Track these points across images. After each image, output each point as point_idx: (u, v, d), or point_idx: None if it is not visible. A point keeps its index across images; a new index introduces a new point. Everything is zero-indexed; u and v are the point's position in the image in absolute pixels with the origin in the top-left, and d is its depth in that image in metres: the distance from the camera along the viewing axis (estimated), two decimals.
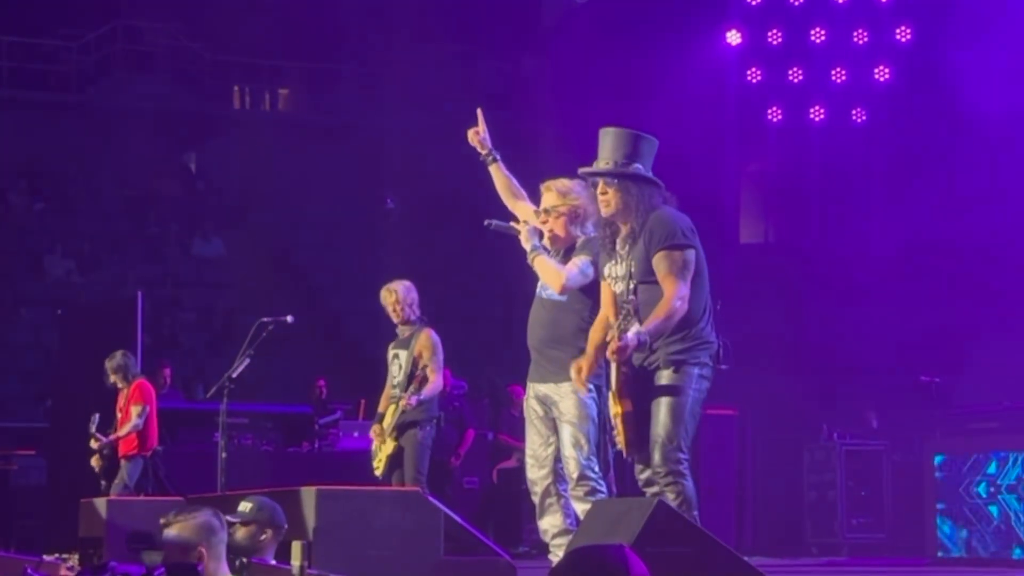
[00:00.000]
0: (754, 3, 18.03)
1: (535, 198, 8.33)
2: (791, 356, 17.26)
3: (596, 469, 7.95)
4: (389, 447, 11.36)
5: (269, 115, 24.45)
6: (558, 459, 8.07)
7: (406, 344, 11.44)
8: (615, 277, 7.55)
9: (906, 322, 16.12)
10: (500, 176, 8.57)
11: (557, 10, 19.77)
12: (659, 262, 7.35)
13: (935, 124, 16.75)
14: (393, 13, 21.47)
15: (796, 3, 18.02)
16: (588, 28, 18.90)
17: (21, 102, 22.12)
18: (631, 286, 7.41)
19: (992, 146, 15.54)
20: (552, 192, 8.16)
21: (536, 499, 8.24)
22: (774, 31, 18.06)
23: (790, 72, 18.14)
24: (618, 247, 7.59)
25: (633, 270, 7.44)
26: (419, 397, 11.17)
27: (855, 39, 17.88)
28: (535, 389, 8.15)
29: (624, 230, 7.55)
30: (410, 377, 11.30)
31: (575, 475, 7.93)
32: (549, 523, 8.18)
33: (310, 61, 23.48)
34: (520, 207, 8.46)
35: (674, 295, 7.28)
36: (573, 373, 7.65)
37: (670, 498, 7.21)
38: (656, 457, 7.29)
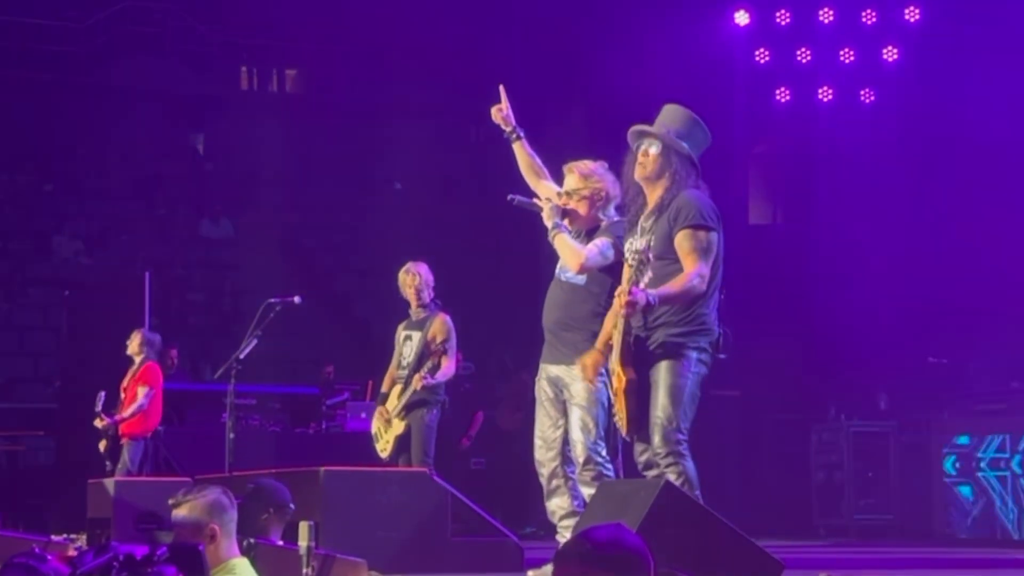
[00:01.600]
0: None
1: (557, 179, 8.32)
2: (799, 337, 17.26)
3: (603, 454, 7.95)
4: (398, 427, 11.35)
5: (277, 96, 24.42)
6: (566, 441, 8.06)
7: (420, 326, 11.43)
8: (633, 250, 7.55)
9: (915, 303, 16.10)
10: (523, 154, 8.50)
11: None
12: (683, 240, 7.36)
13: (943, 104, 16.70)
14: None
15: None
16: (595, 9, 18.86)
17: (29, 83, 22.10)
18: (649, 258, 7.39)
19: (1000, 127, 15.48)
20: (574, 174, 8.17)
21: (543, 480, 8.24)
22: (782, 11, 18.02)
23: (798, 52, 18.10)
24: (641, 220, 7.59)
25: (652, 244, 7.43)
26: (433, 378, 11.18)
27: (863, 19, 17.83)
28: (547, 370, 8.15)
29: (651, 203, 7.56)
30: (421, 358, 11.29)
31: (581, 459, 7.94)
32: (556, 504, 8.17)
33: (317, 42, 23.44)
34: (543, 187, 8.41)
35: (694, 272, 7.29)
36: (579, 370, 7.66)
37: (672, 479, 7.21)
38: (656, 439, 7.29)
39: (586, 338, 7.82)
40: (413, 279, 11.48)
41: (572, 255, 7.92)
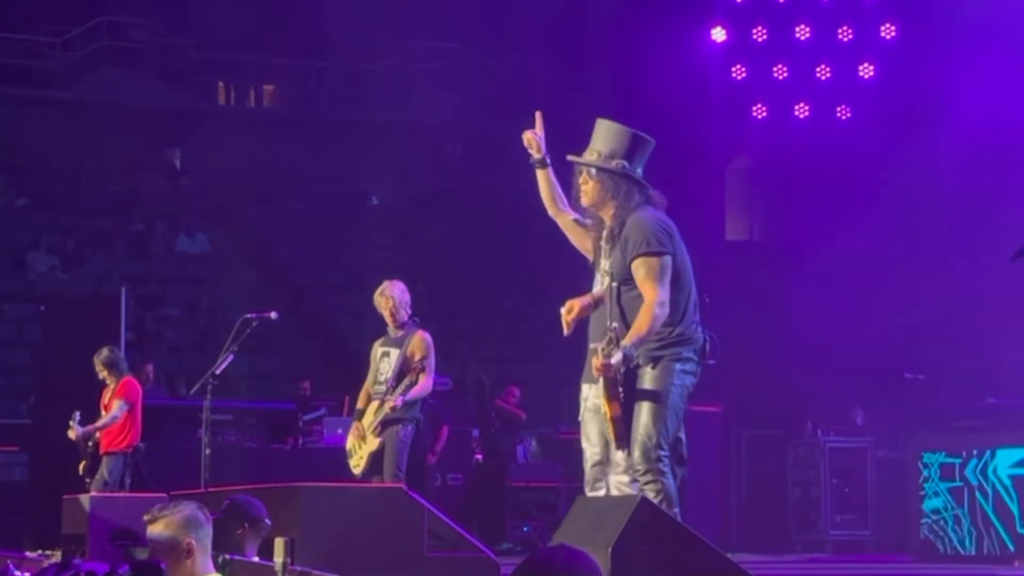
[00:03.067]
0: (739, 0, 18.04)
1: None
2: (776, 353, 17.28)
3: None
4: (372, 444, 11.33)
5: (254, 111, 24.41)
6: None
7: (399, 344, 11.42)
8: (602, 271, 7.57)
9: (891, 319, 16.14)
10: (547, 182, 8.08)
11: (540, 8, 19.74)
12: (637, 268, 7.37)
13: (919, 121, 16.77)
14: (378, 9, 21.43)
15: (781, 0, 18.02)
16: (573, 25, 18.89)
17: (5, 98, 22.05)
18: (612, 285, 7.41)
19: (975, 143, 15.54)
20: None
21: (588, 484, 7.98)
22: (759, 28, 18.07)
23: (775, 69, 18.15)
24: (603, 241, 7.60)
25: (612, 270, 7.46)
26: (405, 398, 11.18)
27: (840, 36, 17.90)
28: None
29: (607, 225, 7.56)
30: (399, 375, 11.29)
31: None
32: None
33: (295, 58, 23.44)
34: (562, 217, 8.24)
35: (654, 301, 7.29)
36: (564, 312, 7.60)
37: (651, 496, 7.20)
38: (636, 455, 7.28)
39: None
40: (387, 302, 11.48)
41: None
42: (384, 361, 11.44)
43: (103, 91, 22.23)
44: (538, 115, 8.14)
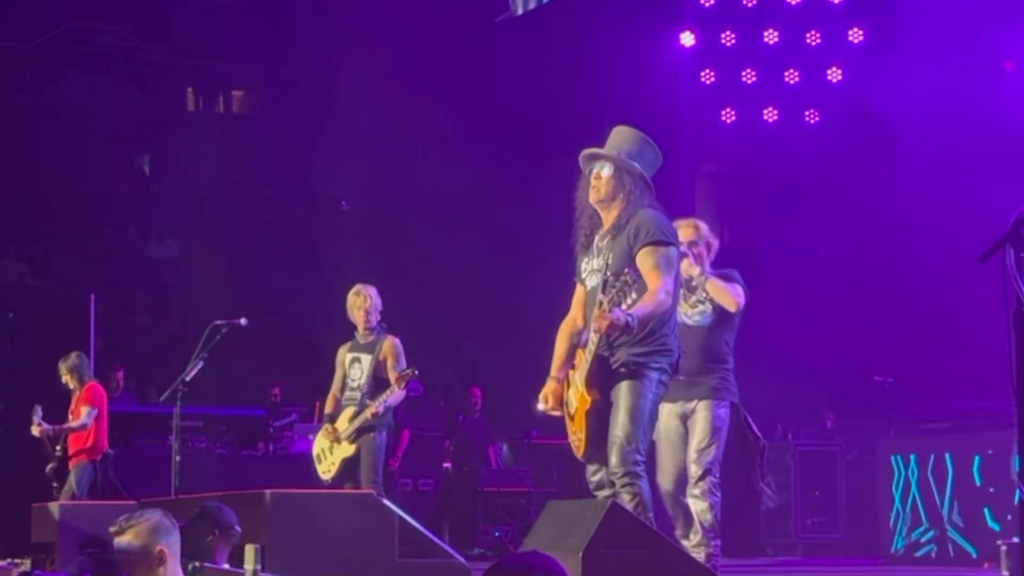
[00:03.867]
0: (707, 4, 18.07)
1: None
2: (746, 357, 17.29)
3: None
4: (347, 450, 11.31)
5: (223, 117, 24.34)
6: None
7: (369, 349, 11.41)
8: (591, 270, 7.61)
9: (860, 323, 16.19)
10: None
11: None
12: (645, 256, 7.41)
13: (886, 125, 16.83)
14: (348, 14, 21.41)
15: (749, 4, 18.07)
16: (543, 28, 18.90)
17: None
18: (607, 278, 7.44)
19: (942, 146, 15.60)
20: (690, 227, 9.12)
21: (670, 506, 8.97)
22: (727, 32, 18.11)
23: (743, 73, 18.19)
24: (596, 240, 7.64)
25: (610, 262, 7.47)
26: (387, 404, 11.19)
27: (808, 40, 17.95)
28: (679, 407, 8.89)
29: (607, 223, 7.61)
30: (375, 380, 11.28)
31: (696, 476, 8.83)
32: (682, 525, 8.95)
33: (264, 63, 23.39)
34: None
35: (660, 287, 7.34)
36: (543, 405, 7.68)
37: (626, 500, 7.23)
38: (614, 459, 7.31)
39: (724, 374, 8.99)
40: (364, 301, 11.48)
41: (730, 296, 9.03)
42: (355, 367, 11.43)
43: (71, 97, 22.14)
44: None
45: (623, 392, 7.37)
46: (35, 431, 13.53)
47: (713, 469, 8.87)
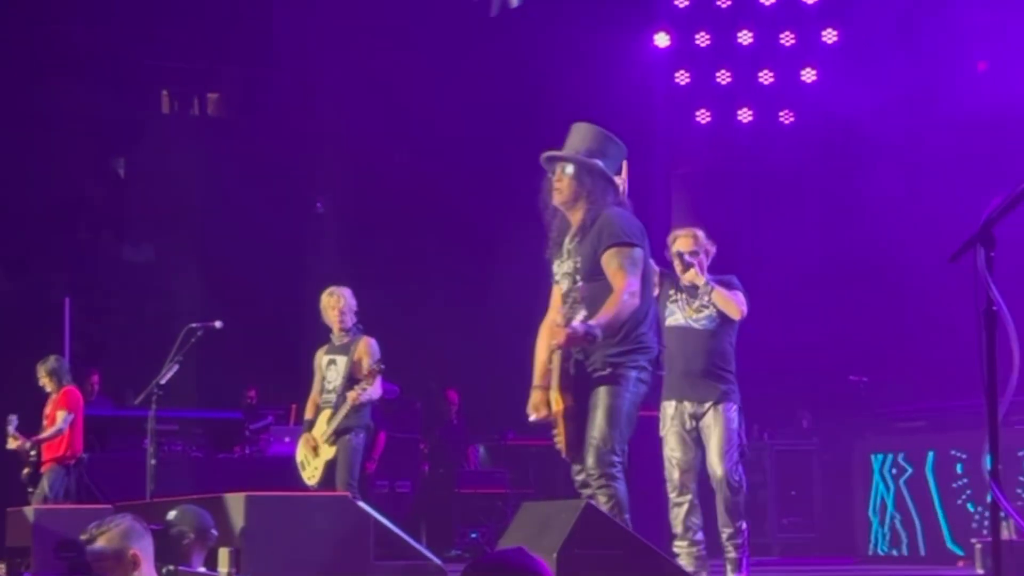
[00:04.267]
0: (682, 5, 18.09)
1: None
2: None
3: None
4: (328, 453, 11.29)
5: (199, 119, 24.31)
6: (689, 469, 9.41)
7: (345, 350, 11.41)
8: (563, 273, 7.60)
9: (835, 322, 16.22)
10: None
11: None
12: (609, 259, 7.39)
13: (861, 125, 16.87)
14: (322, 16, 21.39)
15: (723, 5, 18.09)
16: (517, 30, 18.90)
17: None
18: (577, 283, 7.43)
19: (916, 146, 15.65)
20: (689, 237, 9.53)
21: (673, 496, 9.50)
22: (702, 34, 18.12)
23: (718, 74, 18.21)
24: (566, 243, 7.62)
25: (579, 266, 7.46)
26: (367, 396, 11.17)
27: (782, 41, 17.97)
28: (687, 407, 9.38)
29: (574, 225, 7.59)
30: (350, 382, 11.27)
31: (721, 474, 9.34)
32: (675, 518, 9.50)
33: (239, 65, 23.36)
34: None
35: (624, 289, 7.31)
36: (532, 414, 7.67)
37: (602, 501, 7.23)
38: (590, 460, 7.31)
39: (731, 378, 9.35)
40: (337, 301, 11.48)
41: (735, 305, 9.39)
42: (331, 369, 11.42)
43: (46, 100, 22.07)
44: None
45: (600, 394, 7.37)
46: (11, 445, 13.51)
47: (737, 467, 9.41)
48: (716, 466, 9.33)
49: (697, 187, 19.23)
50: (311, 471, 11.40)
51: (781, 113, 18.20)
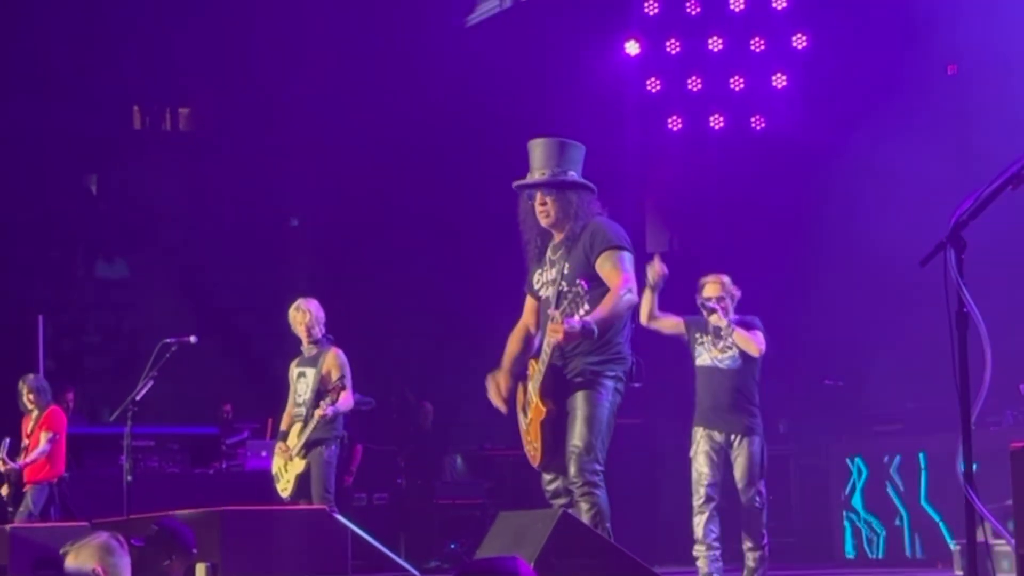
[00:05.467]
0: (652, 13, 18.12)
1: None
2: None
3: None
4: (298, 466, 11.29)
5: (170, 135, 24.25)
6: (714, 484, 10.35)
7: (313, 362, 11.40)
8: (545, 282, 7.63)
9: (809, 326, 16.25)
10: (650, 301, 10.05)
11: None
12: (604, 260, 7.46)
13: (831, 129, 16.92)
14: (296, 27, 21.37)
15: (693, 13, 18.12)
16: (486, 40, 18.92)
17: None
18: (562, 288, 7.45)
19: (889, 148, 15.68)
20: (716, 284, 10.52)
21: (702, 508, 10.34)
22: (672, 41, 18.16)
23: (689, 81, 18.24)
24: (549, 253, 7.66)
25: (565, 272, 7.49)
26: (336, 408, 11.15)
27: (752, 47, 18.01)
28: (714, 435, 10.31)
29: (558, 237, 7.63)
30: (318, 395, 11.26)
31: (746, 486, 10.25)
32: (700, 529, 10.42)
33: (210, 80, 23.31)
34: (661, 323, 10.34)
35: (621, 285, 7.38)
36: (491, 391, 7.69)
37: (584, 509, 7.24)
38: (572, 469, 7.32)
39: (754, 412, 10.29)
40: (303, 316, 11.48)
41: (754, 344, 10.25)
42: (301, 382, 11.42)
43: (15, 117, 22.01)
44: (658, 260, 9.98)
45: (579, 401, 7.39)
46: (0, 468, 13.49)
47: (760, 493, 10.33)
48: (741, 490, 10.29)
49: (670, 193, 19.26)
50: (284, 483, 11.39)
51: (752, 118, 18.24)
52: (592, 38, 18.34)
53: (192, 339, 12.09)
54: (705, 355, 10.44)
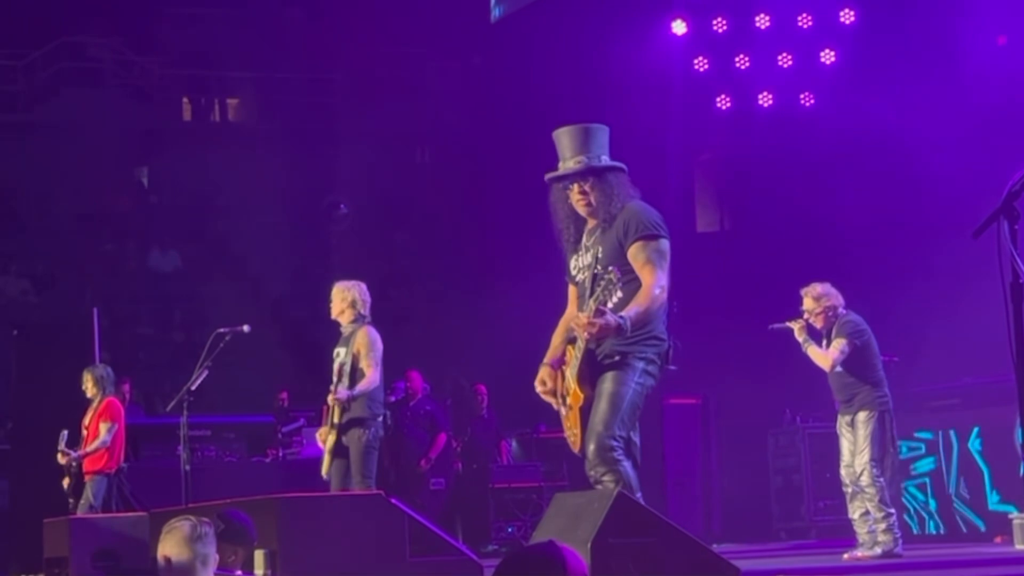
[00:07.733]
0: None
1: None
2: (751, 342, 17.29)
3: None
4: (330, 441, 11.24)
5: (219, 125, 24.34)
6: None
7: (347, 342, 11.39)
8: (581, 267, 7.59)
9: (862, 303, 16.15)
10: (817, 355, 11.57)
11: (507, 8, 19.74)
12: (637, 252, 7.37)
13: (883, 104, 16.80)
14: (339, 18, 21.42)
15: None
16: (535, 24, 18.89)
17: None
18: (597, 271, 7.41)
19: (936, 127, 15.57)
20: (809, 297, 11.53)
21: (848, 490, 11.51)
22: (719, 19, 18.08)
23: (737, 59, 18.15)
24: (584, 239, 7.62)
25: (600, 257, 7.44)
26: (351, 392, 11.10)
27: (799, 23, 17.91)
28: (846, 418, 11.60)
29: (592, 222, 7.59)
30: (353, 373, 11.23)
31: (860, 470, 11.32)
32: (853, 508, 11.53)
33: (257, 70, 23.38)
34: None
35: (654, 283, 7.30)
36: (539, 390, 7.67)
37: (609, 486, 7.19)
38: (591, 447, 7.29)
39: (864, 393, 11.37)
40: (341, 300, 11.48)
41: (824, 361, 11.40)
42: (337, 362, 11.41)
43: (67, 112, 22.15)
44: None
45: (607, 382, 7.36)
46: (61, 459, 13.57)
47: (868, 468, 11.28)
48: (856, 463, 11.50)
49: (720, 173, 19.19)
50: (326, 462, 11.39)
51: (801, 95, 18.15)
52: (639, 18, 18.28)
53: (245, 328, 12.14)
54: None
